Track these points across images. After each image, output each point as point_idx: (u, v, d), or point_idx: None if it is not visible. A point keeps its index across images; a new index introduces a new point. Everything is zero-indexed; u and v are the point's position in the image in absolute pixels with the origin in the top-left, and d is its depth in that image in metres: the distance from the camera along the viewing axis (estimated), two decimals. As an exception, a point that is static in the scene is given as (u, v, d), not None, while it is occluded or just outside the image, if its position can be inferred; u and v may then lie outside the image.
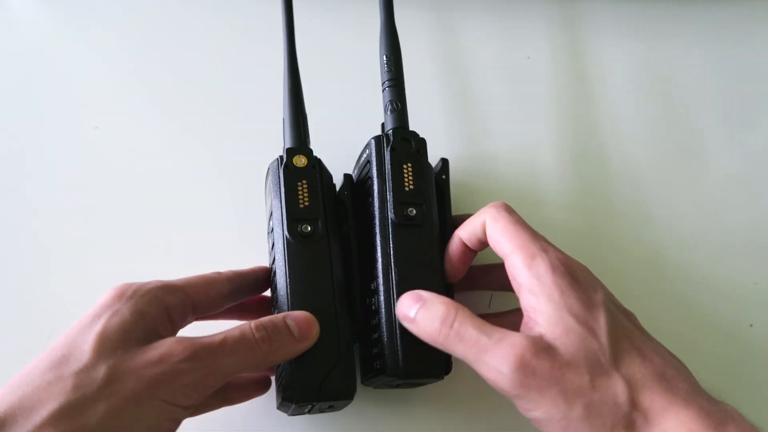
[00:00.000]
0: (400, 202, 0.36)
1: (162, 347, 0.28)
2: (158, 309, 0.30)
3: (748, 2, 0.54)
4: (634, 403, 0.27)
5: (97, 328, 0.28)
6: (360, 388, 0.37)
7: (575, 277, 0.30)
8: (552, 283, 0.30)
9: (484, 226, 0.34)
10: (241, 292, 0.37)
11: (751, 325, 0.42)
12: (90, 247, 0.44)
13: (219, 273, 0.35)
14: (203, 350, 0.29)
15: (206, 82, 0.51)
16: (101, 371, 0.26)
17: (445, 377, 0.36)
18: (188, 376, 0.28)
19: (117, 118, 0.49)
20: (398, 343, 0.34)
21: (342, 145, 0.40)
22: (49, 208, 0.46)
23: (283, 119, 0.39)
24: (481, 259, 0.38)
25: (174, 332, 0.32)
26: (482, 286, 0.40)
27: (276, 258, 0.36)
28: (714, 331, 0.41)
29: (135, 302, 0.29)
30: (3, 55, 0.53)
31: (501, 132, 0.49)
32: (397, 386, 0.37)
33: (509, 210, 0.34)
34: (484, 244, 0.36)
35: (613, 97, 0.50)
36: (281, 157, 0.37)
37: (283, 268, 0.35)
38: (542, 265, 0.30)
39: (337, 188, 0.39)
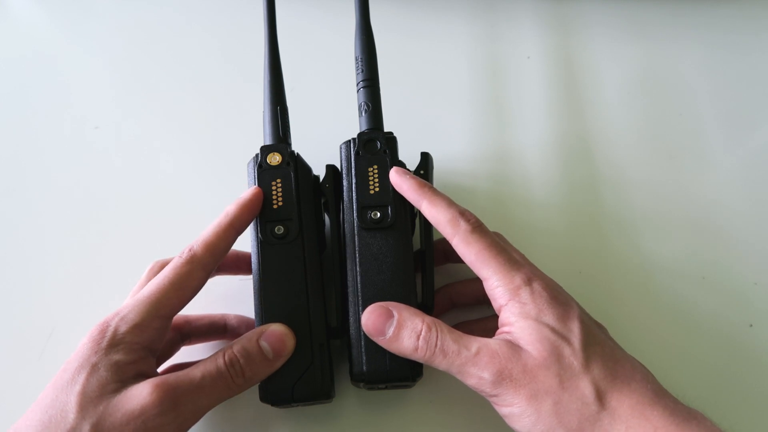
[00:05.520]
0: (364, 206, 0.36)
1: (140, 397, 0.29)
2: (134, 354, 0.31)
3: (747, 3, 0.54)
4: (602, 404, 0.29)
5: (78, 387, 0.29)
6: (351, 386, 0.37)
7: (553, 296, 0.32)
8: (532, 304, 0.32)
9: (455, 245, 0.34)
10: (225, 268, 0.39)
11: (751, 326, 0.42)
12: (90, 247, 0.44)
13: (191, 263, 0.33)
14: (182, 396, 0.30)
15: (207, 82, 0.51)
16: (86, 430, 0.28)
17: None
18: (168, 428, 0.30)
19: (117, 118, 0.49)
20: (363, 349, 0.34)
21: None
22: (49, 207, 0.46)
23: (263, 114, 0.39)
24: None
25: (157, 362, 0.35)
26: (460, 303, 0.41)
27: (252, 260, 0.36)
28: (714, 332, 0.41)
29: (110, 356, 0.30)
30: (3, 55, 0.53)
31: (498, 133, 0.49)
32: (382, 388, 0.36)
33: (482, 231, 0.34)
34: None
35: (612, 98, 0.50)
36: (257, 155, 0.37)
37: (257, 270, 0.35)
38: (523, 289, 0.32)
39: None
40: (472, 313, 0.41)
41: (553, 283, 0.34)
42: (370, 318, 0.34)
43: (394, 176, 0.37)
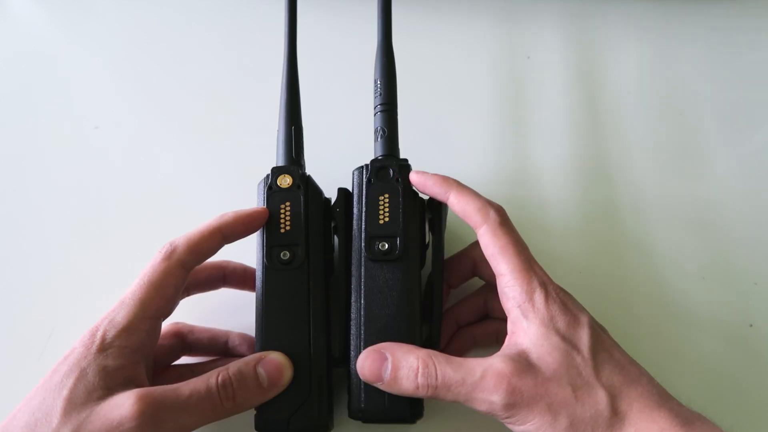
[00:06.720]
0: (373, 236, 0.35)
1: (122, 407, 0.29)
2: (123, 359, 0.31)
3: (749, 2, 0.54)
4: (614, 410, 0.29)
5: (66, 392, 0.29)
6: None
7: (564, 303, 0.32)
8: (545, 309, 0.32)
9: (478, 234, 0.34)
10: (199, 286, 0.38)
11: (751, 325, 0.42)
12: (90, 247, 0.44)
13: (169, 259, 0.33)
14: (164, 412, 0.29)
15: (207, 82, 0.51)
16: None
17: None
18: None
19: (117, 118, 0.49)
20: (362, 385, 0.34)
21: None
22: (49, 207, 0.46)
23: (277, 133, 0.39)
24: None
25: (156, 366, 0.35)
26: (465, 322, 0.40)
27: (256, 284, 0.35)
28: (714, 331, 0.41)
29: (99, 361, 0.30)
30: (3, 55, 0.53)
31: (500, 144, 0.49)
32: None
33: (509, 226, 0.34)
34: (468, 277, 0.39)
35: (613, 98, 0.50)
36: (267, 176, 0.37)
37: (260, 296, 0.35)
38: (538, 292, 0.32)
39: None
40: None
41: (562, 288, 0.34)
42: (364, 365, 0.33)
43: (415, 177, 0.36)
